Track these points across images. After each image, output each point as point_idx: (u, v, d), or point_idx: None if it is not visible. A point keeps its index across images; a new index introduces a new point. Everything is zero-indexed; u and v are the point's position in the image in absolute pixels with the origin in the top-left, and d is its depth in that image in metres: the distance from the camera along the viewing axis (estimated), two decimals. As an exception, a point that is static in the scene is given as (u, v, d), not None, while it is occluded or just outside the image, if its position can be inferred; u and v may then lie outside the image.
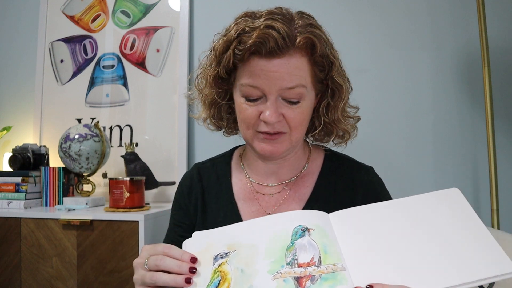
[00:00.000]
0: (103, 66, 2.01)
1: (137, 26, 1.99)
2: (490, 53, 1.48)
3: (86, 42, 2.04)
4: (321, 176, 0.88)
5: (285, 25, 0.73)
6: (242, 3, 1.01)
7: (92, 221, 1.44)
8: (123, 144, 1.92)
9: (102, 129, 1.82)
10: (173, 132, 1.89)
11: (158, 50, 1.95)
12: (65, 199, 1.68)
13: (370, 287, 0.55)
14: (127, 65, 1.98)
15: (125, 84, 1.97)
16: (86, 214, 1.47)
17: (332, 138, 0.88)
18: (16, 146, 1.79)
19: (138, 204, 1.53)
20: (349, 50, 1.15)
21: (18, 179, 1.67)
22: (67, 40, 2.07)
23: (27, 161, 1.76)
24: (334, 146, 0.92)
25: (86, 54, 2.04)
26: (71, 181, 1.77)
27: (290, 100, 0.76)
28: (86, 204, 1.64)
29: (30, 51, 2.12)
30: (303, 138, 0.89)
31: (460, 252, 0.59)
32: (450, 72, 1.71)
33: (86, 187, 1.78)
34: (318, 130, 0.86)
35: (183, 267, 0.63)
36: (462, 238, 0.61)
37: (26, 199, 1.65)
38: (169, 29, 1.94)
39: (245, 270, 0.60)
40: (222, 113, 0.88)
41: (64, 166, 1.71)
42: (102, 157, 1.67)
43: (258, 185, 0.88)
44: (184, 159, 1.86)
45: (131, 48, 1.98)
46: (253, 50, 0.73)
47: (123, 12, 2.01)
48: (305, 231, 0.61)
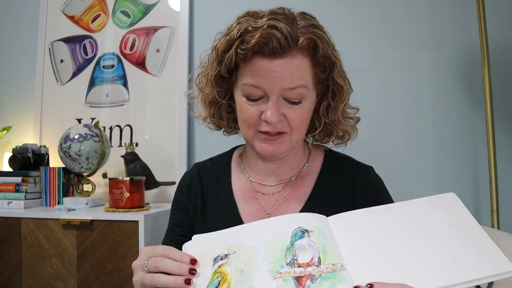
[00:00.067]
0: (103, 66, 2.01)
1: (137, 26, 1.99)
2: (490, 53, 1.48)
3: (86, 42, 2.04)
4: (321, 175, 0.88)
5: (287, 25, 0.73)
6: (242, 3, 1.01)
7: (92, 221, 1.44)
8: (123, 144, 1.92)
9: (102, 129, 1.82)
10: (173, 132, 1.89)
11: (158, 50, 1.95)
12: (65, 199, 1.68)
13: (370, 286, 0.55)
14: (127, 65, 1.98)
15: (125, 84, 1.97)
16: (86, 214, 1.47)
17: (332, 138, 0.89)
18: (16, 146, 1.79)
19: (138, 204, 1.53)
20: (349, 50, 1.15)
21: (18, 179, 1.67)
22: (67, 40, 2.07)
23: (27, 161, 1.76)
24: (333, 147, 0.92)
25: (86, 54, 2.04)
26: (71, 181, 1.77)
27: (291, 100, 0.76)
28: (86, 204, 1.64)
29: (30, 51, 2.12)
30: (303, 138, 0.89)
31: (458, 252, 0.59)
32: (450, 72, 1.71)
33: (86, 187, 1.78)
34: (318, 130, 0.86)
35: (183, 269, 0.63)
36: (460, 239, 0.62)
37: (26, 199, 1.65)
38: (169, 29, 1.94)
39: (245, 270, 0.60)
40: (222, 112, 0.88)
41: (64, 166, 1.71)
42: (102, 157, 1.67)
43: (257, 184, 0.88)
44: (184, 159, 1.86)
45: (131, 48, 1.98)
46: (256, 49, 0.73)
47: (123, 12, 2.01)
48: (304, 233, 0.62)
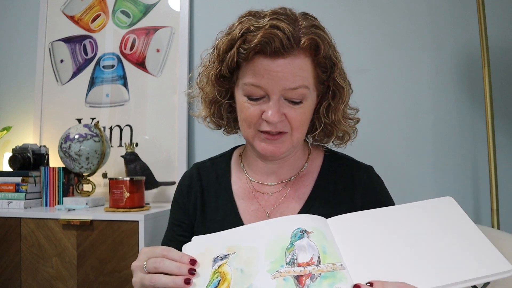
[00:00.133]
0: (103, 66, 2.01)
1: (137, 26, 1.99)
2: (490, 53, 1.48)
3: (86, 42, 2.04)
4: (320, 175, 0.88)
5: (290, 25, 0.73)
6: (242, 3, 1.01)
7: (92, 221, 1.44)
8: (123, 144, 1.92)
9: (102, 129, 1.82)
10: (173, 132, 1.89)
11: (158, 50, 1.95)
12: (65, 199, 1.68)
13: (370, 285, 0.55)
14: (127, 65, 1.98)
15: (125, 84, 1.97)
16: (86, 214, 1.47)
17: (331, 139, 0.89)
18: (16, 146, 1.79)
19: (138, 204, 1.53)
20: (349, 50, 1.15)
21: (18, 179, 1.67)
22: (67, 40, 2.07)
23: (27, 161, 1.76)
24: (333, 147, 0.92)
25: (86, 54, 2.04)
26: (71, 181, 1.77)
27: (292, 100, 0.76)
28: (86, 204, 1.64)
29: (30, 51, 2.12)
30: (303, 139, 0.89)
31: (455, 252, 0.60)
32: (450, 72, 1.71)
33: (86, 187, 1.78)
34: (318, 131, 0.86)
35: (183, 269, 0.63)
36: (457, 239, 0.62)
37: (26, 199, 1.65)
38: (169, 29, 1.94)
39: (244, 270, 0.60)
40: (222, 111, 0.88)
41: (64, 166, 1.71)
42: (102, 157, 1.67)
43: (257, 184, 0.88)
44: (184, 159, 1.86)
45: (131, 48, 1.98)
46: (258, 49, 0.73)
47: (123, 12, 2.01)
48: (304, 233, 0.62)
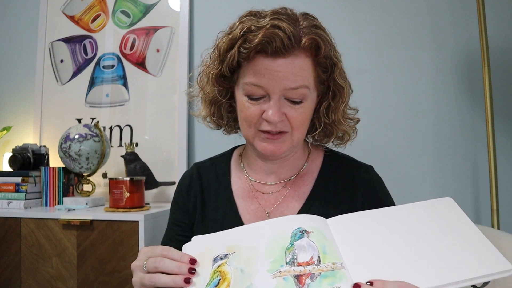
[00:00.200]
0: (103, 66, 2.01)
1: (137, 26, 1.99)
2: (490, 53, 1.48)
3: (86, 42, 2.04)
4: (320, 175, 0.88)
5: (290, 25, 0.73)
6: (242, 3, 1.01)
7: (92, 221, 1.44)
8: (123, 144, 1.92)
9: (102, 129, 1.82)
10: (173, 132, 1.89)
11: (158, 50, 1.95)
12: (65, 199, 1.68)
13: (370, 284, 0.55)
14: (127, 65, 1.98)
15: (125, 84, 1.97)
16: (86, 214, 1.47)
17: (331, 139, 0.89)
18: (16, 146, 1.79)
19: (138, 204, 1.53)
20: (349, 50, 1.15)
21: (18, 179, 1.67)
22: (67, 40, 2.07)
23: (27, 161, 1.76)
24: (333, 147, 0.92)
25: (86, 54, 2.04)
26: (71, 181, 1.77)
27: (293, 100, 0.76)
28: (86, 204, 1.64)
29: (30, 51, 2.12)
30: (303, 138, 0.89)
31: (455, 252, 0.60)
32: (450, 72, 1.71)
33: (86, 187, 1.78)
34: (318, 131, 0.86)
35: (182, 268, 0.63)
36: (457, 239, 0.63)
37: (26, 199, 1.65)
38: (169, 29, 1.94)
39: (244, 269, 0.60)
40: (222, 111, 0.88)
41: (64, 166, 1.71)
42: (102, 157, 1.67)
43: (257, 183, 0.88)
44: (184, 159, 1.86)
45: (131, 48, 1.98)
46: (259, 49, 0.73)
47: (123, 12, 2.01)
48: (303, 233, 0.62)
